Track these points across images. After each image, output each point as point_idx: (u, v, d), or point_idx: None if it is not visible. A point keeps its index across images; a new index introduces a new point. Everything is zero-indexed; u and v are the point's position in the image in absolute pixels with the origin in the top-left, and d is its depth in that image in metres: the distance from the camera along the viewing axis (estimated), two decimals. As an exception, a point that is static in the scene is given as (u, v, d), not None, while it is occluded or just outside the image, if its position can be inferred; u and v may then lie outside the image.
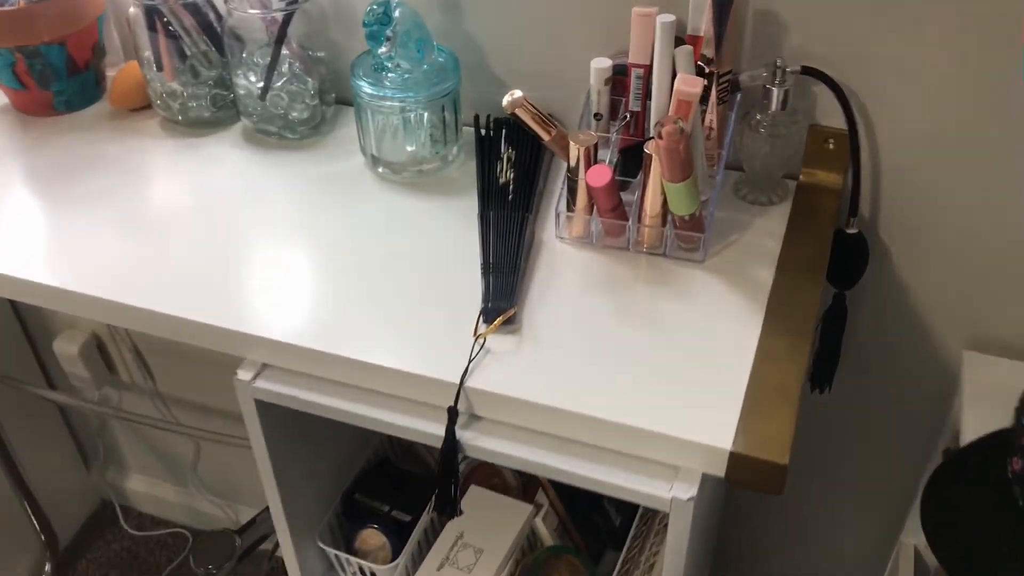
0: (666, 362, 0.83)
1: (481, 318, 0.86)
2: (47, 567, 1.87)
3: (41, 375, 1.76)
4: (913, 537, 1.25)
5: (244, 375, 0.89)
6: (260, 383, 0.88)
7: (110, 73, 1.19)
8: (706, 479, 0.79)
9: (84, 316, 0.94)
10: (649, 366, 0.82)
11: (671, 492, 0.77)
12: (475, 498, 1.11)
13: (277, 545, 1.08)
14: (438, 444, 0.83)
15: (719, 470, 0.77)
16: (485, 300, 0.88)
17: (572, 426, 0.80)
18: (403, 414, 0.85)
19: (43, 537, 1.85)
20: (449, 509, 0.85)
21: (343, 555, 1.08)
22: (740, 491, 1.34)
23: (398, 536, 1.10)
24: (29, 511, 1.79)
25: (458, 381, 0.81)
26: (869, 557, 1.39)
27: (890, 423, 1.21)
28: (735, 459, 0.75)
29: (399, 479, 1.17)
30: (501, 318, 0.85)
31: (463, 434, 0.83)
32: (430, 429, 0.84)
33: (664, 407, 0.78)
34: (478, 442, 0.83)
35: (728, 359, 0.82)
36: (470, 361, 0.82)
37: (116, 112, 1.16)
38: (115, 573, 1.89)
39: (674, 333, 0.85)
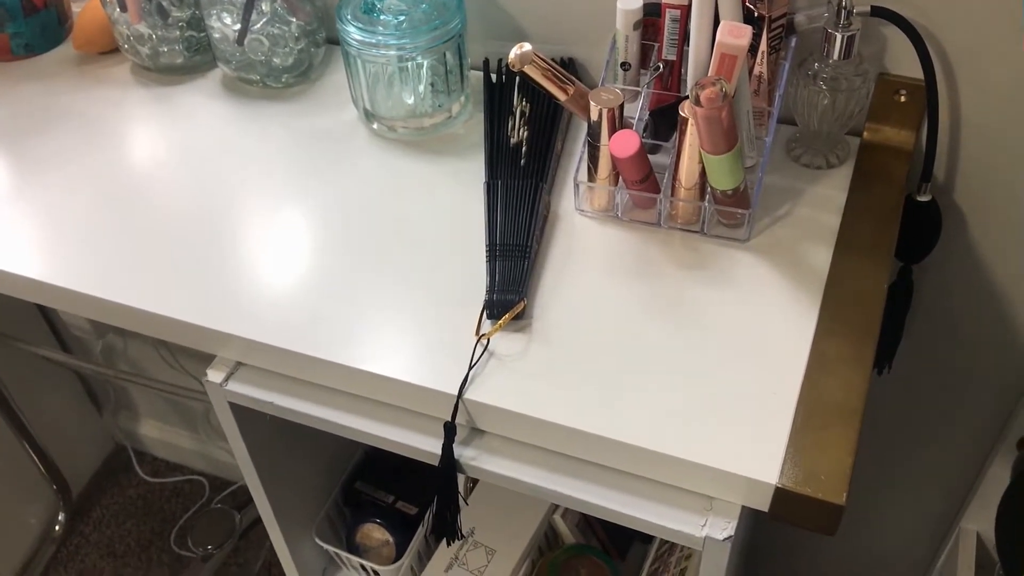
0: (700, 369, 0.70)
1: (484, 313, 0.74)
2: (60, 516, 1.82)
3: (43, 321, 1.68)
4: (974, 523, 1.15)
5: (215, 376, 0.78)
6: (233, 386, 0.77)
7: (77, 8, 1.05)
8: (745, 512, 0.67)
9: (33, 301, 0.83)
10: (680, 374, 0.70)
11: (704, 530, 0.66)
12: (486, 492, 1.00)
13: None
14: (434, 461, 0.72)
15: (761, 504, 0.65)
16: (490, 291, 0.75)
17: (589, 448, 0.68)
18: (395, 426, 0.74)
19: (54, 485, 1.79)
20: (448, 534, 0.75)
21: (343, 553, 0.99)
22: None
23: (403, 530, 1.00)
24: (36, 459, 1.72)
25: (456, 392, 0.69)
26: (919, 538, 1.27)
27: (954, 405, 1.08)
28: (781, 495, 0.63)
29: (405, 464, 1.05)
30: (508, 315, 0.73)
31: (463, 452, 0.72)
32: (425, 445, 0.72)
33: (697, 428, 0.66)
34: (480, 462, 0.71)
35: (775, 366, 0.70)
36: (471, 367, 0.70)
37: (83, 56, 1.03)
38: (131, 522, 1.84)
39: (710, 332, 0.72)
